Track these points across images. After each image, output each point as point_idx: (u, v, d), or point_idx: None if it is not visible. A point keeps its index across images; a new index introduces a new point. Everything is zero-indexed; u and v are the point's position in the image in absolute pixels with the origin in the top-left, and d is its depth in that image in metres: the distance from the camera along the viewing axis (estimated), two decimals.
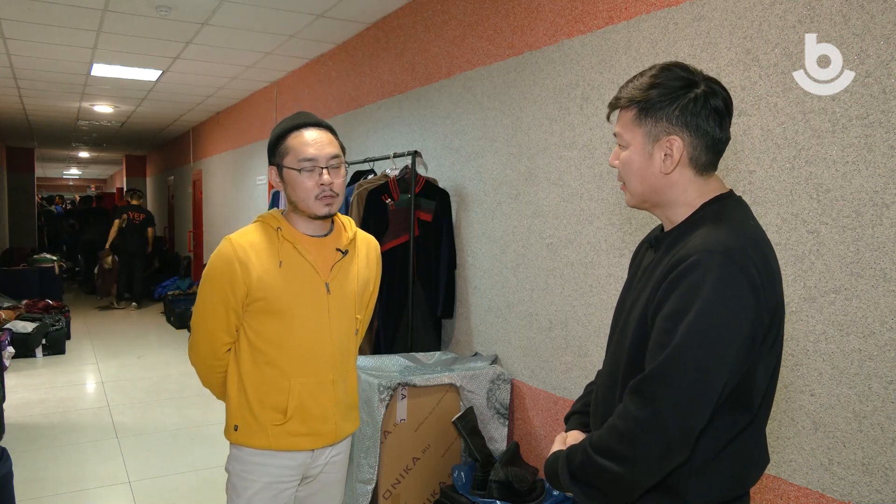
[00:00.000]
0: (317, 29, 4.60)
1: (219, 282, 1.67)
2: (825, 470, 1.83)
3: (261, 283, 1.66)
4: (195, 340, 1.78)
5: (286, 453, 1.74)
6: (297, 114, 1.76)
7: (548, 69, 2.84)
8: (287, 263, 1.70)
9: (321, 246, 1.76)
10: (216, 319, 1.70)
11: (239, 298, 1.67)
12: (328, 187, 1.67)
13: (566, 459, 1.22)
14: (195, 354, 1.79)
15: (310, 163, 1.66)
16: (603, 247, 2.58)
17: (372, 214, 3.39)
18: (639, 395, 1.12)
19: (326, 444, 1.79)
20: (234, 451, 1.78)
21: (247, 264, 1.65)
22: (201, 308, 1.72)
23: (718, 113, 1.20)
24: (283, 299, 1.68)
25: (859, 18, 1.74)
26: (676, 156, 1.19)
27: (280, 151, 1.70)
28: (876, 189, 1.71)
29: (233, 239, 1.69)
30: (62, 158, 17.06)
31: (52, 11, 4.30)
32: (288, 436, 1.72)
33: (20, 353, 6.13)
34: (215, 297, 1.68)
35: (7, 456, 2.37)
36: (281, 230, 1.71)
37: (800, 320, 1.89)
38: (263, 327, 1.70)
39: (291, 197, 1.71)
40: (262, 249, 1.69)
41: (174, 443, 4.17)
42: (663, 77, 1.20)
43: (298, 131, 1.69)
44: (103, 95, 7.56)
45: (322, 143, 1.68)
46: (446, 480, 2.88)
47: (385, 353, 3.37)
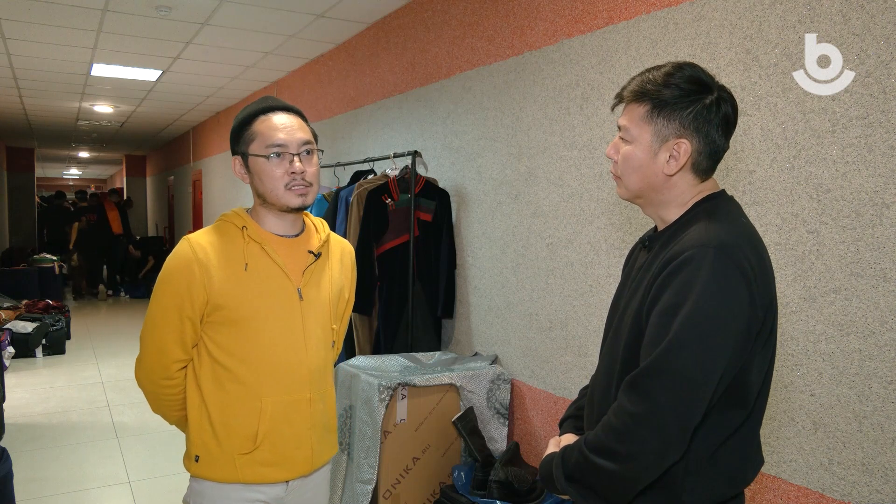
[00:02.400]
0: (317, 29, 4.60)
1: (174, 286, 1.47)
2: (825, 470, 1.83)
3: (223, 288, 1.46)
4: (143, 356, 1.54)
5: (256, 486, 1.52)
6: (262, 98, 1.57)
7: (548, 69, 2.84)
8: (253, 266, 1.50)
9: (292, 247, 1.57)
10: (169, 330, 1.48)
11: (197, 306, 1.46)
12: (300, 175, 1.49)
13: (561, 460, 1.21)
14: (142, 373, 1.54)
15: (279, 148, 1.48)
16: (603, 247, 2.58)
17: (372, 214, 3.39)
18: (634, 391, 1.12)
19: (301, 475, 1.57)
20: (195, 484, 1.55)
21: (207, 267, 1.46)
22: (152, 317, 1.50)
23: (727, 122, 1.21)
24: (250, 307, 1.49)
25: (859, 18, 1.74)
26: (682, 159, 1.20)
27: (245, 138, 1.52)
28: (876, 189, 1.71)
29: (191, 238, 1.50)
30: (62, 158, 17.06)
31: (52, 11, 4.30)
32: (257, 466, 1.50)
33: (20, 353, 6.14)
34: (169, 304, 1.47)
35: (7, 456, 2.37)
36: (247, 229, 1.52)
37: (800, 320, 1.89)
38: (227, 340, 1.49)
39: (259, 188, 1.52)
40: (224, 251, 1.49)
41: (174, 443, 4.16)
42: (678, 77, 1.19)
43: (265, 115, 1.52)
44: (103, 95, 7.56)
45: (292, 128, 1.51)
46: (446, 480, 2.88)
47: (385, 353, 3.38)
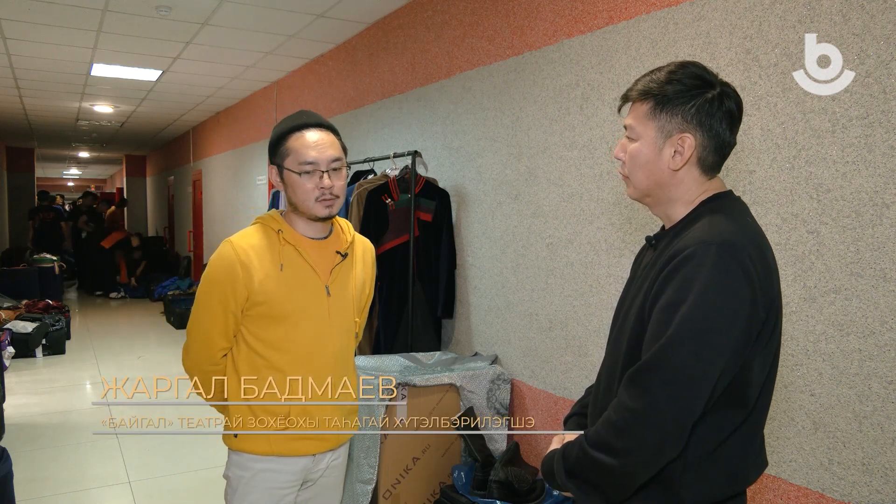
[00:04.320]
0: (317, 29, 4.60)
1: (219, 284, 1.64)
2: (825, 470, 1.83)
3: (262, 286, 1.64)
4: (190, 344, 1.73)
5: (288, 458, 1.71)
6: (299, 112, 1.73)
7: (548, 69, 2.84)
8: (288, 266, 1.68)
9: (321, 249, 1.74)
10: (214, 323, 1.66)
11: (239, 302, 1.64)
12: (328, 191, 1.65)
13: (562, 456, 1.23)
14: (189, 359, 1.74)
15: (310, 166, 1.64)
16: (603, 247, 2.58)
17: (372, 214, 3.39)
18: (633, 386, 1.12)
19: (329, 449, 1.77)
20: (234, 457, 1.75)
21: (248, 267, 1.63)
22: (199, 311, 1.69)
23: (731, 117, 1.21)
24: (285, 303, 1.66)
25: (859, 18, 1.74)
26: (687, 153, 1.20)
27: (281, 152, 1.68)
28: (876, 189, 1.71)
29: (234, 241, 1.67)
30: (62, 158, 17.05)
31: (52, 11, 4.30)
32: (290, 441, 1.69)
33: (20, 353, 6.13)
34: (214, 300, 1.65)
35: (7, 456, 2.37)
36: (282, 232, 1.69)
37: (800, 320, 1.89)
38: (264, 331, 1.67)
39: (291, 198, 1.69)
40: (263, 252, 1.66)
41: (174, 443, 4.16)
42: (681, 74, 1.21)
43: (300, 132, 1.66)
44: (103, 95, 7.56)
45: (324, 146, 1.65)
46: (446, 480, 2.88)
47: (385, 353, 3.37)
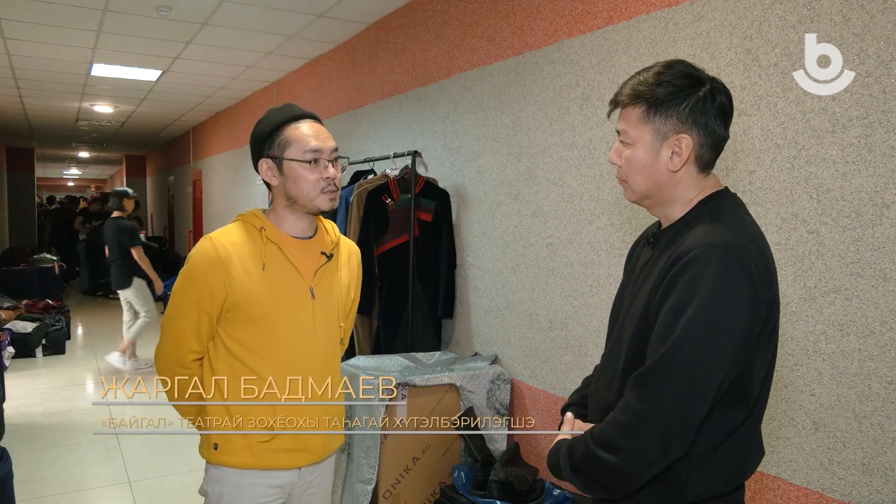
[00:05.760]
0: (317, 29, 4.60)
1: (197, 281, 1.54)
2: (825, 470, 1.83)
3: (242, 287, 1.54)
4: (161, 344, 1.62)
5: (272, 472, 1.60)
6: (286, 105, 1.65)
7: (548, 69, 2.84)
8: (270, 266, 1.58)
9: (306, 249, 1.65)
10: (187, 324, 1.56)
11: (216, 302, 1.54)
12: (333, 180, 1.58)
13: (568, 452, 1.24)
14: (160, 359, 1.63)
15: (316, 154, 1.57)
16: (603, 247, 2.58)
17: (372, 214, 3.39)
18: (639, 388, 1.13)
19: (315, 461, 1.67)
20: (214, 471, 1.63)
21: (228, 266, 1.53)
22: (173, 309, 1.59)
23: (724, 111, 1.22)
24: (266, 304, 1.56)
25: (859, 18, 1.74)
26: (685, 154, 1.20)
27: (279, 144, 1.58)
28: (876, 189, 1.71)
29: (214, 238, 1.57)
30: (62, 158, 17.06)
31: (52, 11, 4.30)
32: (275, 453, 1.59)
33: (20, 353, 6.13)
34: (190, 298, 1.55)
35: (7, 456, 2.37)
36: (265, 230, 1.60)
37: (800, 320, 1.89)
38: (244, 336, 1.57)
39: (292, 191, 1.59)
40: (244, 250, 1.57)
41: (174, 443, 4.16)
42: (669, 74, 1.20)
43: (296, 123, 1.60)
44: (103, 95, 7.56)
45: (325, 136, 1.60)
46: (446, 480, 2.88)
47: (385, 353, 3.37)
